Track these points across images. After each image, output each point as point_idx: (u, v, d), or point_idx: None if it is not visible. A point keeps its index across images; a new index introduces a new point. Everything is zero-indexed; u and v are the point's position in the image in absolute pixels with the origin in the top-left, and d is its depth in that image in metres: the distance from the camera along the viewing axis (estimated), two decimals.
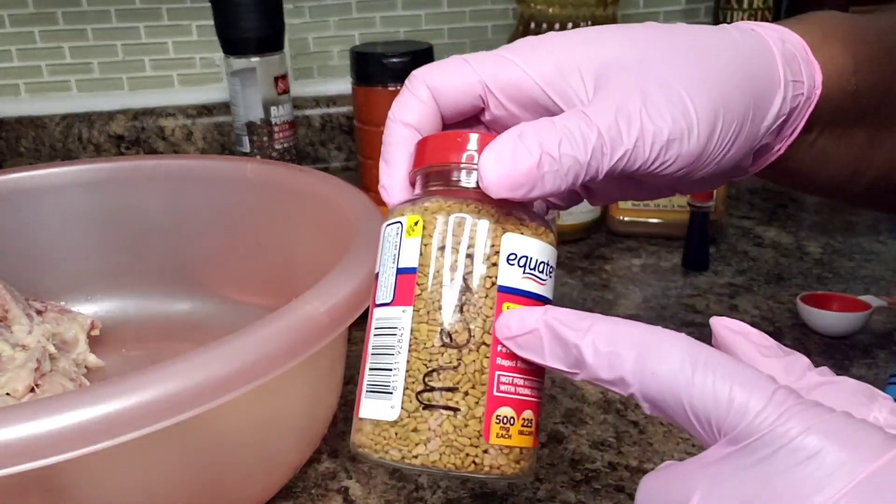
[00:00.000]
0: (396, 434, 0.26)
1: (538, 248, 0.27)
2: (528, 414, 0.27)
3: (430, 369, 0.26)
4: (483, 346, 0.26)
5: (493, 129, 0.32)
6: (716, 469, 0.23)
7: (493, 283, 0.26)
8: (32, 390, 0.44)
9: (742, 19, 0.84)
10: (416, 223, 0.27)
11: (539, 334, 0.25)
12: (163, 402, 0.29)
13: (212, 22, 0.76)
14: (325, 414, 0.44)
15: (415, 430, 0.26)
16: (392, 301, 0.27)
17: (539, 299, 0.27)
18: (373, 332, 0.28)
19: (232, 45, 0.75)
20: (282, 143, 0.79)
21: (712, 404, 0.22)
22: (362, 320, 0.49)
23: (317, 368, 0.41)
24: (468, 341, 0.26)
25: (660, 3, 0.97)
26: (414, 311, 0.26)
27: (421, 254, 0.26)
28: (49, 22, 0.89)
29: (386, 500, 0.41)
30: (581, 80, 0.28)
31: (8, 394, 0.43)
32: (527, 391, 0.27)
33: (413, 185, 0.30)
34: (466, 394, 0.26)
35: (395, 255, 0.27)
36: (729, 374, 0.23)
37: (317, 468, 0.44)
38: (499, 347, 0.26)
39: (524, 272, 0.27)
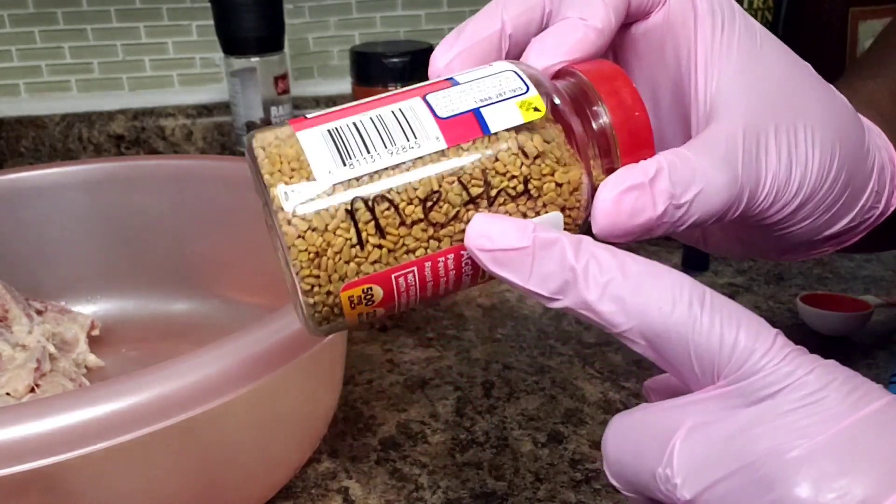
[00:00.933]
0: (302, 191, 0.22)
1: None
2: (381, 311, 0.24)
3: (388, 196, 0.22)
4: (434, 241, 0.23)
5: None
6: (706, 405, 0.22)
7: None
8: (32, 390, 0.44)
9: None
10: (535, 109, 0.23)
11: (529, 252, 0.22)
12: (163, 402, 0.29)
13: (212, 22, 0.76)
14: (325, 414, 0.44)
15: (317, 211, 0.22)
16: (441, 119, 0.23)
17: None
18: (396, 106, 0.23)
19: (232, 45, 0.75)
20: None
21: (717, 345, 0.22)
22: None
23: (317, 368, 0.41)
24: (436, 225, 0.23)
25: None
26: (441, 153, 0.23)
27: (507, 132, 0.23)
28: (49, 22, 0.89)
29: (386, 500, 0.41)
30: (706, 80, 0.26)
31: (8, 394, 0.43)
32: (405, 300, 0.24)
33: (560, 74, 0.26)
34: (381, 247, 0.22)
35: (489, 98, 0.23)
36: (734, 314, 0.22)
37: (317, 468, 0.44)
38: (440, 260, 0.23)
39: None
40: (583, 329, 0.57)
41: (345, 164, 0.22)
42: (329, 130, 0.23)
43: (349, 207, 0.22)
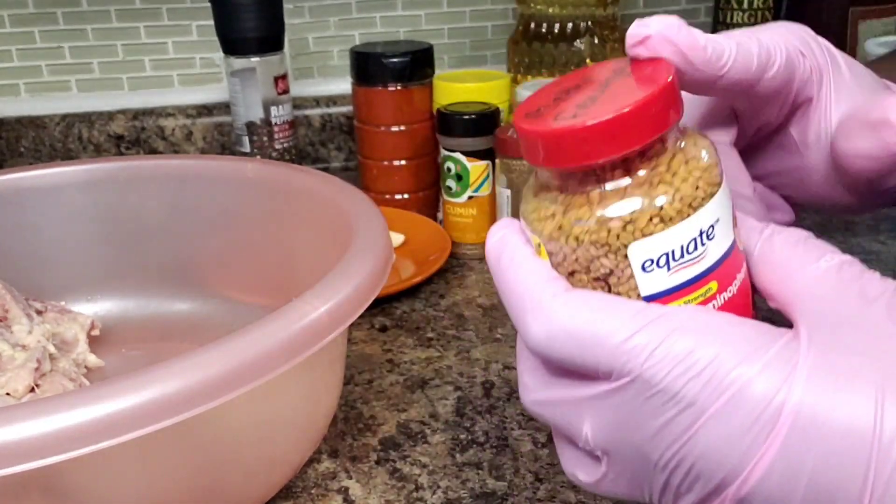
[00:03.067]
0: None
1: (684, 229, 0.22)
2: None
3: None
4: None
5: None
6: (600, 401, 0.23)
7: (638, 297, 0.23)
8: (32, 390, 0.44)
9: (742, 19, 0.84)
10: (538, 245, 0.24)
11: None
12: (163, 402, 0.29)
13: (212, 22, 0.76)
14: (325, 414, 0.44)
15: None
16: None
17: (702, 279, 0.22)
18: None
19: (232, 45, 0.75)
20: (282, 143, 0.79)
21: (577, 351, 0.22)
22: (362, 320, 0.49)
23: (317, 368, 0.41)
24: None
25: (659, 3, 0.97)
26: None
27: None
28: (49, 22, 0.89)
29: (386, 500, 0.41)
30: None
31: (8, 394, 0.43)
32: None
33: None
34: None
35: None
36: (595, 310, 0.22)
37: (317, 468, 0.44)
38: None
39: (669, 269, 0.22)
40: None
41: None
42: None
43: None
